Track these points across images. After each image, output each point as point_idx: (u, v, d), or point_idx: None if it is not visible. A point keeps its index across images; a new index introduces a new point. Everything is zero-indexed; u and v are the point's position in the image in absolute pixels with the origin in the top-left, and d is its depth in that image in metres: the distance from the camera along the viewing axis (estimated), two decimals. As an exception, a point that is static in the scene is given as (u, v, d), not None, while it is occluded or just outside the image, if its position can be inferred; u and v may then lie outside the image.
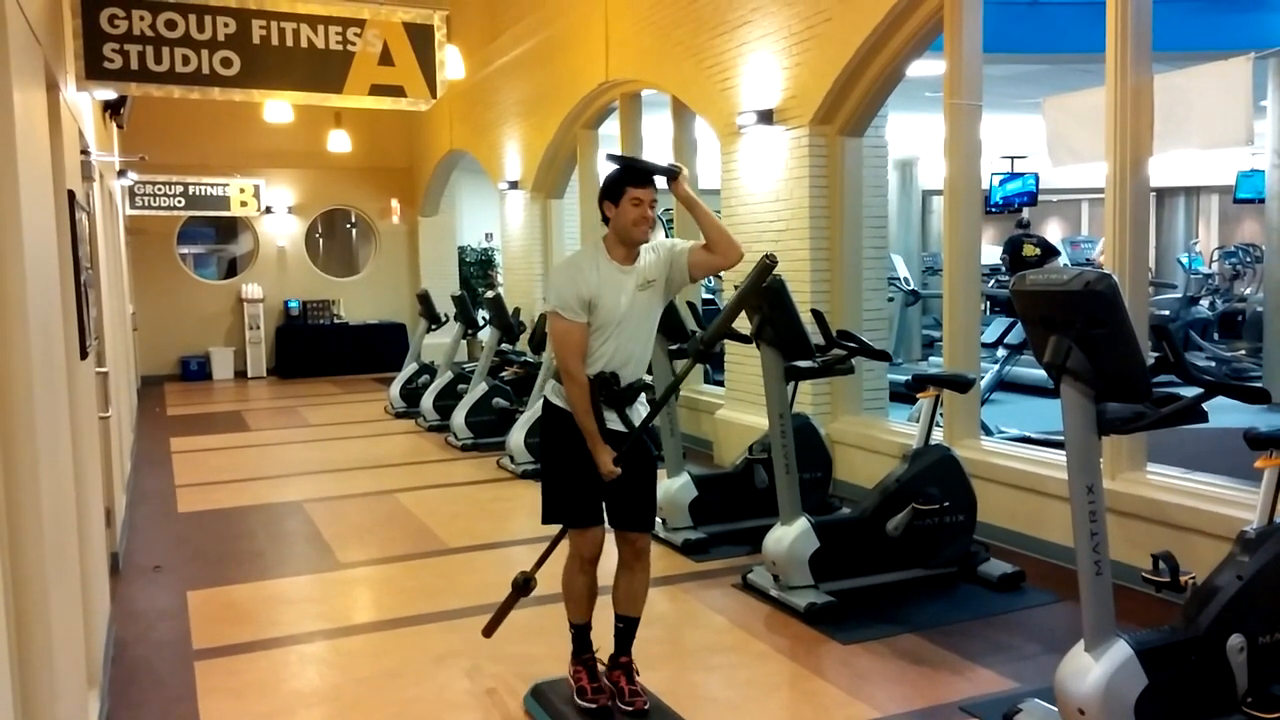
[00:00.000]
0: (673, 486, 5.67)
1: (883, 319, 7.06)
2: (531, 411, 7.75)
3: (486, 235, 16.61)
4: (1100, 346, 2.92)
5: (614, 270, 3.28)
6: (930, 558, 4.79)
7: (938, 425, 5.38)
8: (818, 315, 4.95)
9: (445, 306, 10.70)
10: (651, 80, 8.62)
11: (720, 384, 8.45)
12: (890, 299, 10.50)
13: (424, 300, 10.94)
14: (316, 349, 14.58)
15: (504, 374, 9.51)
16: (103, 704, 3.60)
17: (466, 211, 16.25)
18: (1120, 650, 3.05)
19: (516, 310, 9.36)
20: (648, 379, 3.59)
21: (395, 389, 10.90)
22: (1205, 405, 3.01)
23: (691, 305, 5.71)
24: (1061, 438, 3.18)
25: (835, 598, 4.48)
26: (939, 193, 15.63)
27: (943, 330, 6.18)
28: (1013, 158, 14.38)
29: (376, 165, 14.97)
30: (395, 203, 15.29)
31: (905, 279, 11.70)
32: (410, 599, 4.89)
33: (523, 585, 3.70)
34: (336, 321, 14.92)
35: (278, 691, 3.90)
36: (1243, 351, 11.17)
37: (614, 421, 3.34)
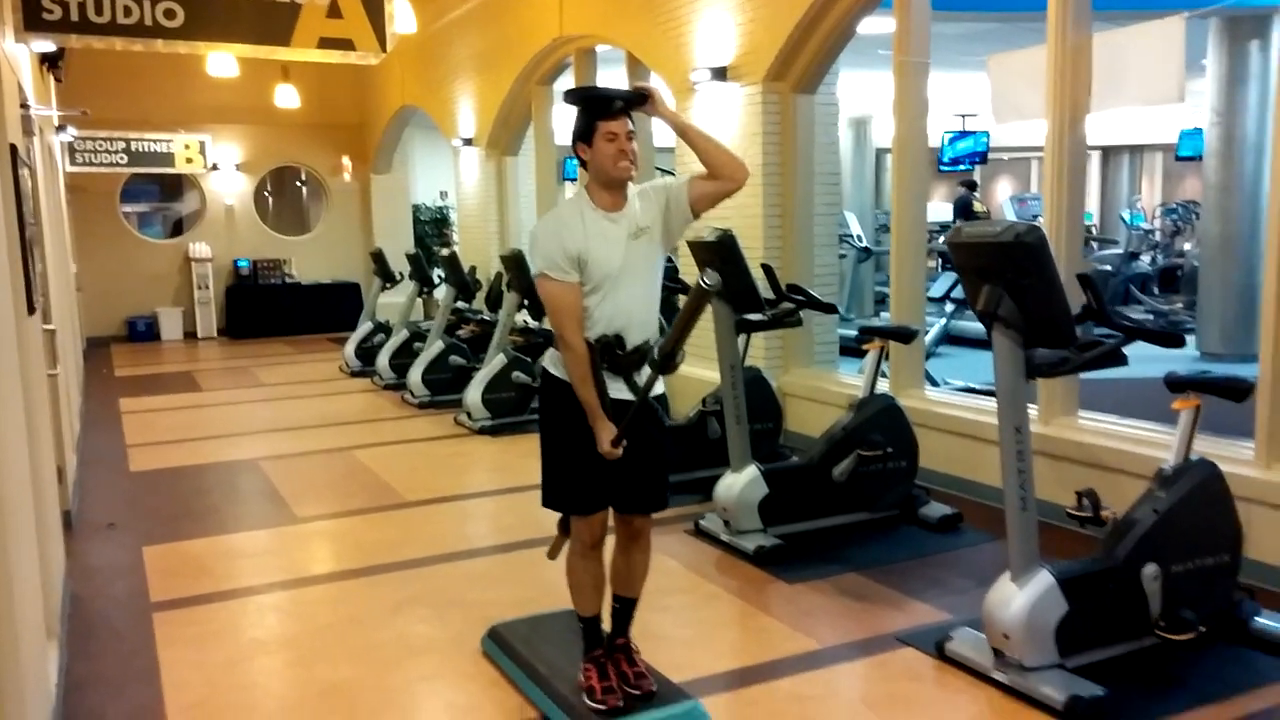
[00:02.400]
0: (626, 438, 5.78)
1: (833, 274, 7.21)
2: (488, 368, 7.83)
3: (441, 193, 16.50)
4: (1028, 295, 3.07)
5: (601, 220, 2.95)
6: (874, 502, 4.98)
7: (883, 376, 5.56)
8: (767, 270, 5.07)
9: (400, 265, 10.69)
10: (606, 35, 8.62)
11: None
12: (843, 256, 10.69)
13: (378, 259, 10.90)
14: (268, 309, 14.46)
15: (460, 332, 9.53)
16: (61, 656, 3.65)
17: (420, 169, 16.12)
18: (1043, 579, 3.24)
19: (473, 268, 9.39)
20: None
21: (350, 348, 10.89)
22: (1127, 351, 3.19)
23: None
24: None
25: (783, 541, 4.65)
26: (888, 150, 15.79)
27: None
28: (964, 115, 14.56)
29: (326, 121, 14.77)
30: (346, 160, 15.12)
31: (858, 236, 11.87)
32: (369, 551, 4.98)
33: (565, 527, 3.30)
34: (288, 281, 14.79)
35: (238, 640, 3.99)
36: (1180, 305, 11.52)
37: (620, 390, 2.99)
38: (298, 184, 16.23)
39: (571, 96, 3.07)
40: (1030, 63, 5.12)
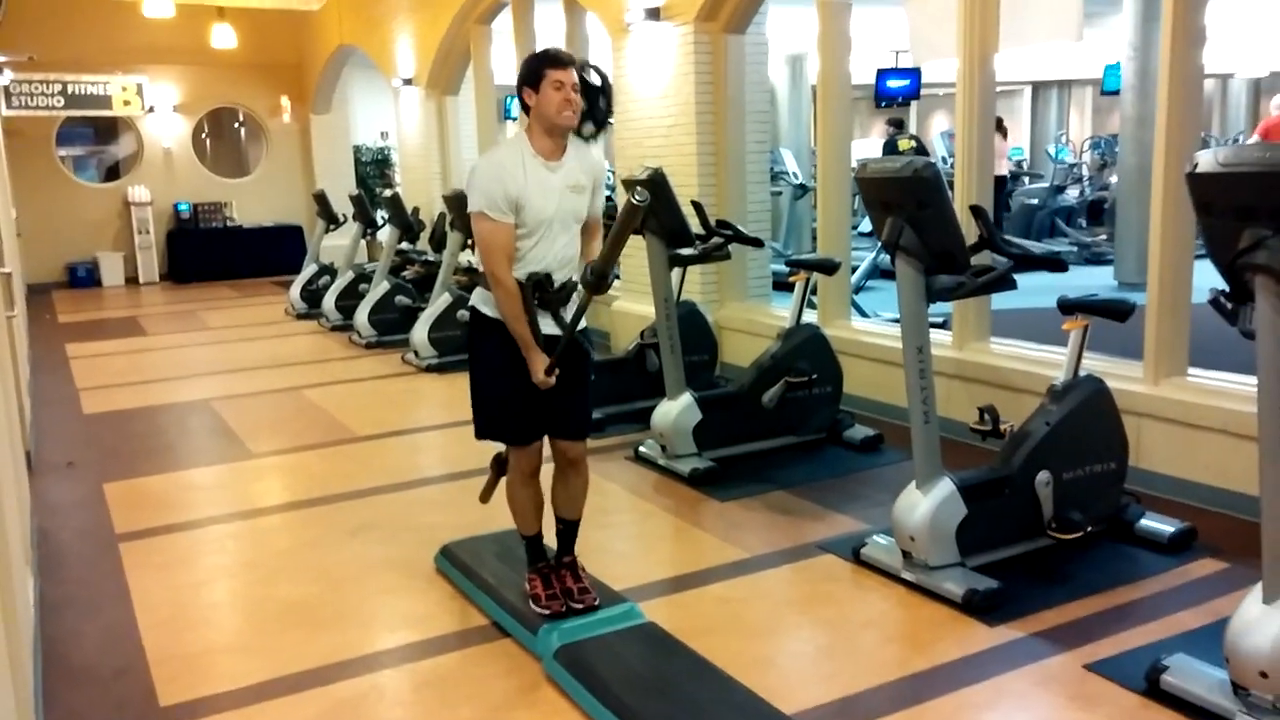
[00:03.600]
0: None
1: (766, 210, 7.46)
2: (434, 308, 8.00)
3: (382, 133, 16.39)
4: (927, 226, 3.36)
5: (540, 167, 3.07)
6: (801, 426, 5.31)
7: (811, 307, 5.86)
8: (697, 206, 5.30)
9: (343, 207, 10.72)
10: (541, -25, 8.67)
11: (616, 277, 8.81)
12: (779, 193, 10.92)
13: (321, 200, 10.92)
14: (210, 253, 14.36)
15: (405, 273, 9.67)
16: (35, 582, 3.86)
17: (360, 109, 15.96)
18: (945, 486, 3.58)
19: (415, 209, 9.48)
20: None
21: (295, 290, 10.95)
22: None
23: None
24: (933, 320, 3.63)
25: (716, 464, 4.96)
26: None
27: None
28: (898, 52, 14.76)
29: (263, 62, 14.55)
30: (285, 100, 14.94)
31: (794, 173, 12.09)
32: (324, 481, 5.20)
33: (500, 465, 3.57)
34: (230, 224, 14.67)
35: (202, 564, 4.22)
36: (1104, 236, 11.98)
37: (549, 325, 3.14)
38: (236, 126, 15.99)
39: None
40: (944, 4, 5.36)
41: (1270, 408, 2.61)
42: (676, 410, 5.02)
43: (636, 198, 2.97)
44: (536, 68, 3.05)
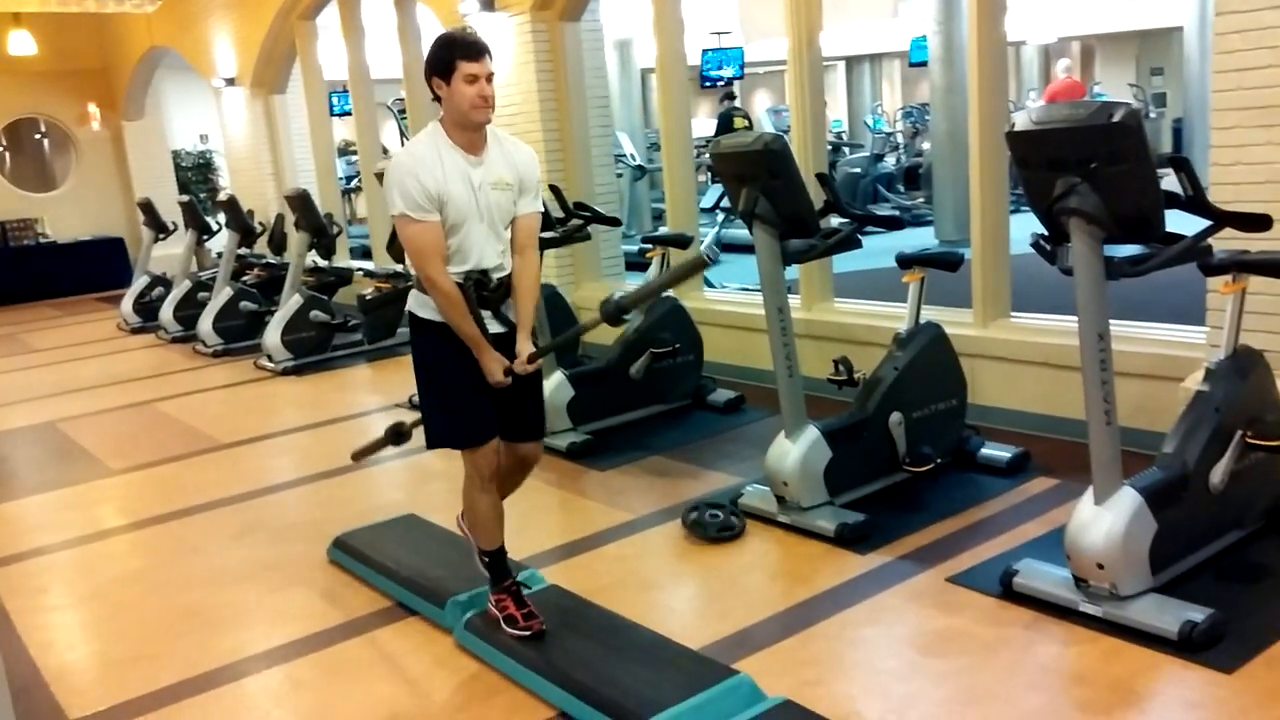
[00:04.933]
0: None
1: (614, 192, 7.69)
2: (285, 310, 7.84)
3: (202, 136, 15.70)
4: (779, 194, 3.64)
5: (460, 160, 2.86)
6: (668, 394, 5.56)
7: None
8: (555, 190, 5.46)
9: (170, 214, 10.30)
10: (368, -32, 8.57)
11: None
12: (619, 175, 11.18)
13: (147, 209, 10.45)
14: (25, 272, 13.43)
15: (246, 277, 9.41)
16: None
17: (176, 112, 15.23)
18: (810, 433, 3.89)
19: (250, 212, 9.22)
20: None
21: (127, 304, 10.45)
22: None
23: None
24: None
25: (592, 436, 5.16)
26: (654, 70, 16.29)
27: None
28: (719, 33, 15.27)
29: (66, 68, 13.67)
30: (93, 108, 14.10)
31: (631, 155, 12.38)
32: (196, 490, 5.09)
33: (394, 436, 3.58)
34: (43, 241, 13.75)
35: (85, 582, 4.10)
36: (922, 200, 12.82)
37: (492, 323, 2.98)
38: (36, 136, 14.97)
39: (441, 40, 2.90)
40: (772, -12, 5.70)
41: (1089, 334, 3.01)
42: (550, 388, 5.16)
43: (709, 256, 2.79)
44: (447, 58, 2.81)
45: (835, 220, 4.33)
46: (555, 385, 5.17)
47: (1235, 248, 3.29)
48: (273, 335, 7.75)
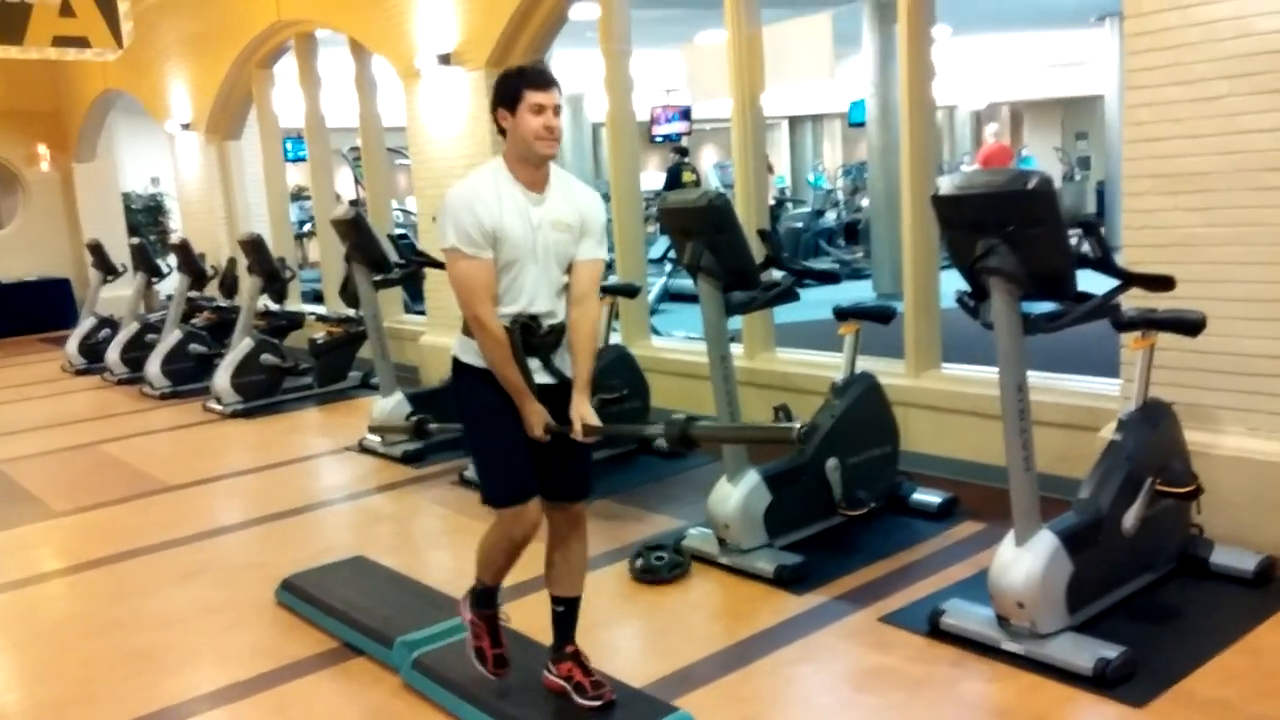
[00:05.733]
0: (388, 404, 6.18)
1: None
2: (236, 353, 7.85)
3: (153, 179, 15.64)
4: (722, 249, 3.83)
5: (519, 196, 2.72)
6: (615, 438, 5.68)
7: (615, 329, 6.28)
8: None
9: (119, 256, 10.26)
10: (326, 20, 8.74)
11: (420, 313, 8.95)
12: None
13: (96, 251, 10.39)
14: (-35, 312, 13.22)
15: (195, 320, 9.40)
16: None
17: (128, 155, 15.16)
18: (751, 478, 4.04)
19: (201, 255, 9.25)
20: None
21: (73, 345, 10.34)
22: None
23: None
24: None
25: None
26: (604, 125, 16.59)
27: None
28: (669, 90, 15.67)
29: (16, 109, 13.56)
30: (43, 148, 13.99)
31: (584, 206, 12.58)
32: (141, 533, 5.07)
33: (418, 430, 3.56)
34: (-14, 281, 13.56)
35: (28, 624, 4.09)
36: (861, 254, 13.21)
37: (540, 374, 2.79)
38: (-18, 176, 14.79)
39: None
40: (715, 50, 5.96)
41: (1008, 385, 3.21)
42: (500, 433, 5.27)
43: (798, 431, 2.49)
44: (514, 88, 2.70)
45: (776, 273, 4.53)
46: (505, 430, 5.27)
47: (1149, 305, 3.53)
48: (222, 378, 7.75)
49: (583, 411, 2.76)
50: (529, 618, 3.74)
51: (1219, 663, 3.07)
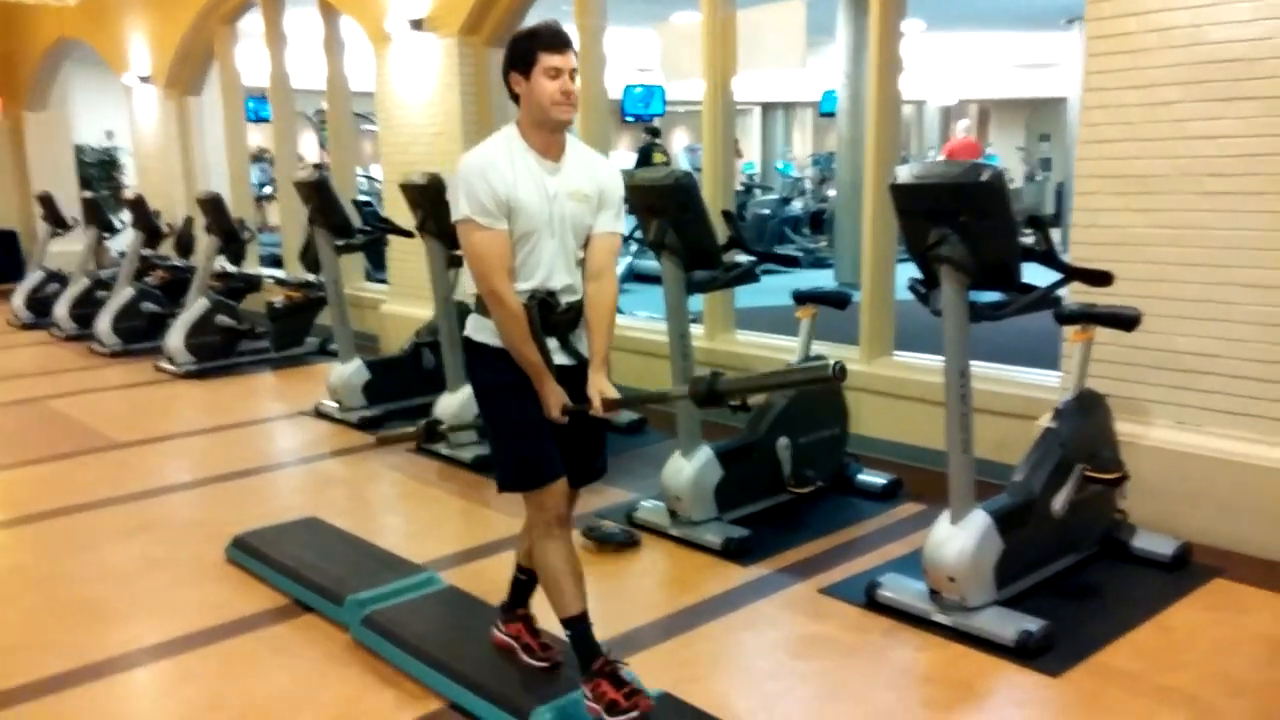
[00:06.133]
0: (346, 371, 6.19)
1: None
2: (190, 313, 7.79)
3: (107, 133, 15.34)
4: (686, 228, 3.90)
5: (534, 165, 2.60)
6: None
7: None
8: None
9: (70, 209, 10.08)
10: (295, -21, 8.64)
11: (382, 282, 8.93)
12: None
13: (46, 203, 10.21)
14: (-93, 261, 12.90)
15: (149, 278, 9.28)
16: None
17: (82, 107, 14.82)
18: (704, 453, 4.14)
19: (157, 213, 9.13)
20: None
21: (20, 299, 10.17)
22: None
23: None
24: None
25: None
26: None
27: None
28: (643, 70, 15.65)
29: (-34, 53, 13.24)
30: (-8, 95, 13.66)
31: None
32: (87, 489, 5.05)
33: (428, 432, 3.22)
34: (-71, 229, 13.24)
35: (-31, 574, 4.07)
36: (825, 243, 13.34)
37: (558, 354, 2.68)
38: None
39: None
40: (690, 30, 6.02)
41: (953, 370, 3.33)
42: (458, 400, 5.32)
43: (834, 367, 2.40)
44: (528, 50, 2.57)
45: (738, 255, 4.62)
46: (465, 398, 5.32)
47: (1090, 301, 3.67)
48: (176, 338, 7.69)
49: (601, 386, 2.65)
50: (476, 580, 3.82)
51: (1132, 638, 3.24)
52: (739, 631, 3.42)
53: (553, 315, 2.65)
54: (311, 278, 8.16)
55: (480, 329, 2.71)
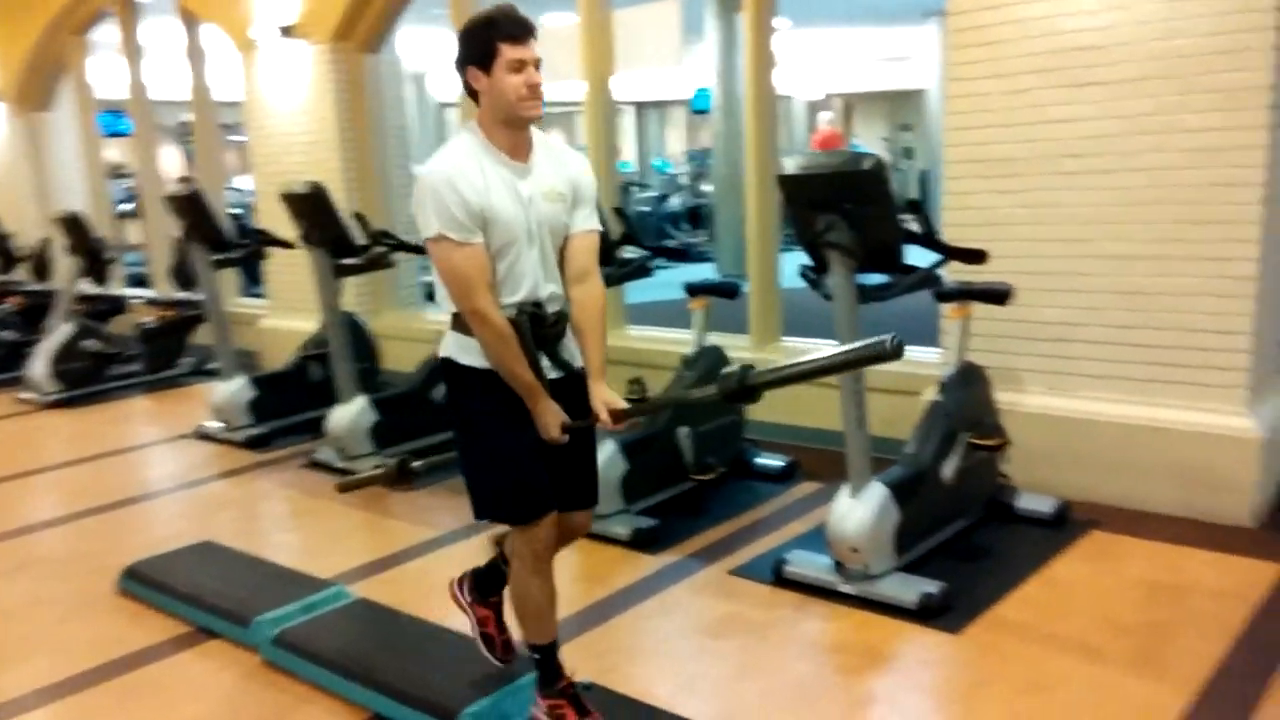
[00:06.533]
0: (230, 389, 6.00)
1: (413, 223, 7.77)
2: (55, 339, 7.41)
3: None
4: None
5: (503, 168, 2.39)
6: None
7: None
8: (359, 217, 5.53)
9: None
10: (150, -14, 8.31)
11: (258, 296, 8.67)
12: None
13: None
14: None
15: (4, 305, 8.78)
16: None
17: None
18: (608, 447, 4.19)
19: (8, 235, 8.66)
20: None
21: None
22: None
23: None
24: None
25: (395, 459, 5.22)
26: (452, 105, 16.30)
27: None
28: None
29: None
30: None
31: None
32: (-41, 528, 4.78)
33: (400, 473, 3.15)
34: None
35: None
36: (704, 237, 13.60)
37: (549, 369, 2.48)
38: None
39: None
40: (566, 33, 6.06)
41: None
42: (352, 413, 5.23)
43: (891, 342, 2.16)
44: (486, 40, 2.34)
45: (630, 250, 4.69)
46: (358, 410, 5.24)
47: (966, 279, 3.88)
48: (40, 365, 7.30)
49: (606, 397, 2.47)
50: (387, 590, 3.78)
51: (1022, 592, 3.46)
52: (655, 618, 3.49)
53: (542, 328, 2.45)
54: (184, 295, 7.88)
55: (464, 350, 2.47)
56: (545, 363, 2.47)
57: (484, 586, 2.91)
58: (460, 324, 2.46)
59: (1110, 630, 3.18)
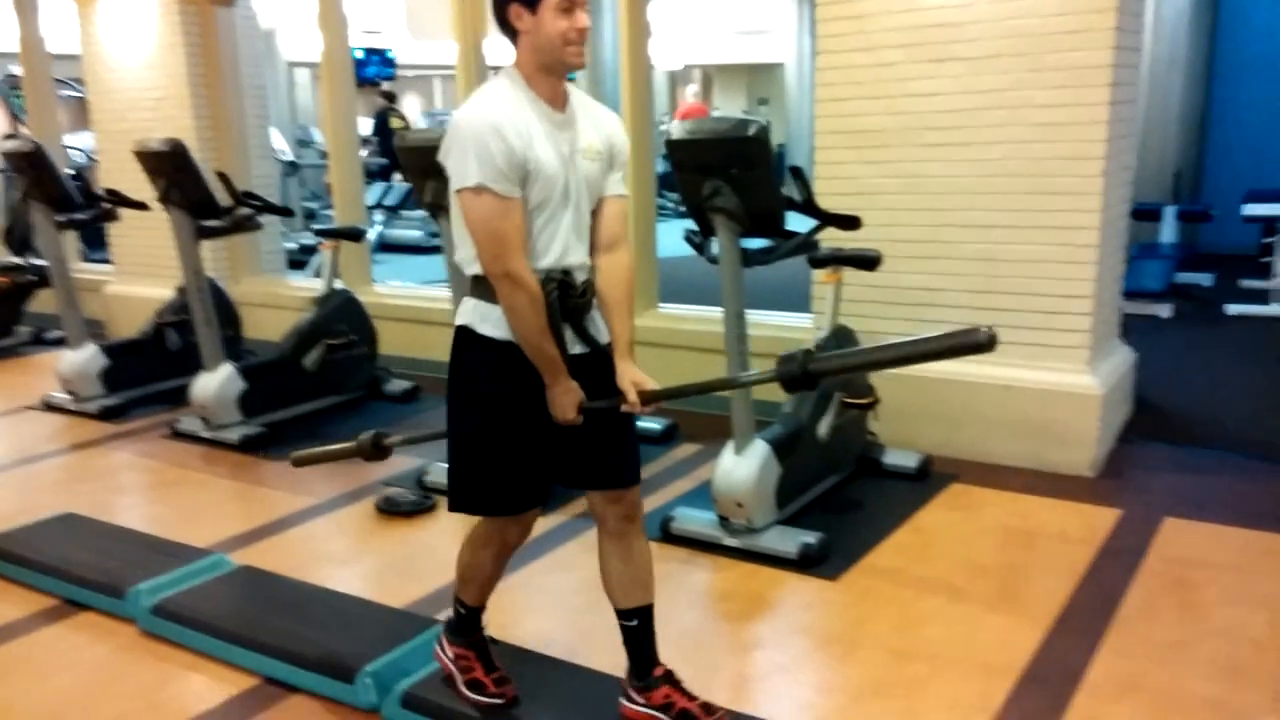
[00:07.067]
0: (80, 358, 5.69)
1: (273, 183, 7.50)
2: None
3: None
4: (463, 187, 3.92)
5: (545, 121, 2.18)
6: (343, 385, 5.62)
7: (337, 275, 6.14)
8: (223, 177, 5.30)
9: None
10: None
11: (101, 261, 8.20)
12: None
13: None
14: None
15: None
16: None
17: None
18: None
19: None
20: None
21: None
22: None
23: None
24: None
25: (266, 428, 5.09)
26: (303, 65, 15.73)
27: (332, 192, 6.87)
28: (370, 32, 15.13)
29: None
30: None
31: (282, 150, 11.97)
32: None
33: (373, 448, 2.90)
34: None
35: None
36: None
37: (574, 343, 2.29)
38: None
39: None
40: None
41: (730, 312, 3.59)
42: (218, 381, 5.05)
43: (984, 335, 1.94)
44: None
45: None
46: (224, 378, 5.06)
47: (837, 246, 4.07)
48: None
49: (635, 376, 2.27)
50: (268, 557, 3.70)
51: (892, 540, 3.70)
52: (549, 574, 3.55)
53: (571, 299, 2.25)
54: (19, 260, 7.39)
55: (485, 319, 2.25)
56: (570, 336, 2.27)
57: (639, 670, 2.51)
58: (482, 289, 2.24)
59: (972, 572, 3.44)
